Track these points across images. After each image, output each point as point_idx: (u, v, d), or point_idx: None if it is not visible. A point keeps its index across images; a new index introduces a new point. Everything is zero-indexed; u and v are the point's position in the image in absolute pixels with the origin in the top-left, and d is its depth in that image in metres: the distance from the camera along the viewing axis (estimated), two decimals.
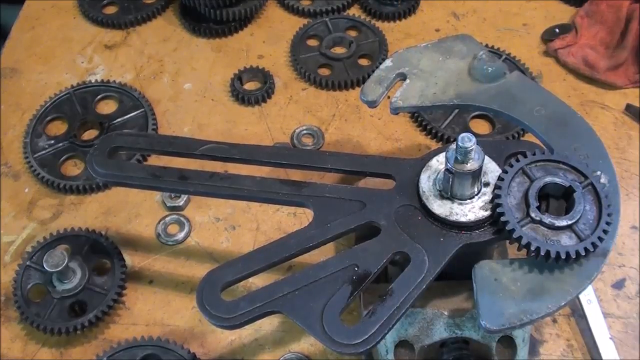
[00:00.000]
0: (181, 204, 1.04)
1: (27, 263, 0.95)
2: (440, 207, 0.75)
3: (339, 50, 1.24)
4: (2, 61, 1.25)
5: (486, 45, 1.19)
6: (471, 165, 0.71)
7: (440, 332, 0.79)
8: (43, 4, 1.34)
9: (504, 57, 1.19)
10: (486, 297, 0.69)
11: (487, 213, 0.74)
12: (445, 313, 0.79)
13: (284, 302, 0.71)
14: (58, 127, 1.15)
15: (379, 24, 1.27)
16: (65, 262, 0.89)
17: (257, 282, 0.84)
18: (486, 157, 0.75)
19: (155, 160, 1.08)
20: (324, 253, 0.80)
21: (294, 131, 1.13)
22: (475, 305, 0.69)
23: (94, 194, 1.07)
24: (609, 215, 0.69)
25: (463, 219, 0.74)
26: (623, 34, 1.19)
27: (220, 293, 0.72)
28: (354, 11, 1.30)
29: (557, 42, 1.22)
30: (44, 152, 1.10)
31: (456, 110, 1.13)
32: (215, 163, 0.86)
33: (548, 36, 1.24)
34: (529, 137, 1.01)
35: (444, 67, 0.88)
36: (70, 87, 1.18)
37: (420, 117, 1.13)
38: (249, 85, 1.20)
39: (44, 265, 0.89)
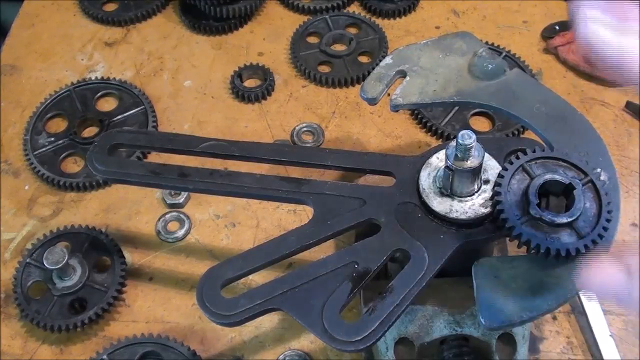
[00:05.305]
0: (181, 201, 1.04)
1: (27, 260, 0.95)
2: (440, 205, 0.75)
3: (339, 48, 1.24)
4: (2, 58, 1.25)
5: (486, 43, 1.19)
6: (471, 163, 0.71)
7: (441, 329, 0.79)
8: (43, 1, 1.34)
9: (504, 54, 1.19)
10: (486, 294, 0.69)
11: (487, 210, 0.74)
12: (445, 310, 0.79)
13: (284, 299, 0.71)
14: (58, 125, 1.14)
15: (379, 21, 1.27)
16: (65, 259, 0.89)
17: (257, 279, 0.84)
18: (486, 155, 0.75)
19: (155, 157, 1.08)
20: (324, 250, 0.80)
21: (294, 128, 1.13)
22: (475, 302, 0.69)
23: (94, 191, 1.07)
24: (609, 212, 0.69)
25: (463, 216, 0.74)
26: None
27: (220, 290, 0.72)
28: (354, 8, 1.30)
29: (557, 39, 1.22)
30: (44, 149, 1.10)
31: (456, 108, 1.12)
32: (215, 160, 0.86)
33: (548, 33, 1.24)
34: (529, 135, 1.01)
35: (444, 64, 0.87)
36: (70, 84, 1.18)
37: (420, 114, 1.12)
38: (249, 83, 1.20)
39: (44, 263, 0.89)
